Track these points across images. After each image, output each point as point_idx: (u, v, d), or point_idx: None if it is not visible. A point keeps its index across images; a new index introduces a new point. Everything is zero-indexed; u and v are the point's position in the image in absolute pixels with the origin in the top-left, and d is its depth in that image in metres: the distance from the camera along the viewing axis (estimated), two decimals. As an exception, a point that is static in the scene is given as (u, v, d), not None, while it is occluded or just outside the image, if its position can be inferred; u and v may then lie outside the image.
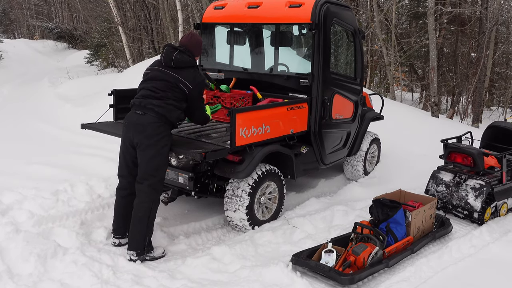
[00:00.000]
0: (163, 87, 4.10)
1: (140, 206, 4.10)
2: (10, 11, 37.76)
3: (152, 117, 4.02)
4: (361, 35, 6.00)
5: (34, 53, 26.25)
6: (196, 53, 4.33)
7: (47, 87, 13.43)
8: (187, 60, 4.16)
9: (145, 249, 4.12)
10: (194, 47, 4.30)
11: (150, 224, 4.16)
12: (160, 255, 4.24)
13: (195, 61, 4.27)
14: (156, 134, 4.01)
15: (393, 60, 14.90)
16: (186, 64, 4.15)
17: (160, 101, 4.05)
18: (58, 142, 7.88)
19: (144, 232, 4.10)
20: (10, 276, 3.59)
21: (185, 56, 4.16)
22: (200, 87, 4.24)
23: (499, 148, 5.89)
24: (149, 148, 4.02)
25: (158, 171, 4.10)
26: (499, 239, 4.69)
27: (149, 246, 4.17)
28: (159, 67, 4.21)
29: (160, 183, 4.16)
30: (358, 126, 6.35)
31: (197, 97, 4.24)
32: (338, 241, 4.23)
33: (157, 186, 4.12)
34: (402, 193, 5.04)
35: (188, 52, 4.20)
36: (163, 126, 4.05)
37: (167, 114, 4.05)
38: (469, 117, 16.91)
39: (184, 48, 4.21)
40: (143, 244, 4.10)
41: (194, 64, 4.25)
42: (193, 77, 4.15)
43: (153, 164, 4.05)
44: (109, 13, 18.84)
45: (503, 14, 16.51)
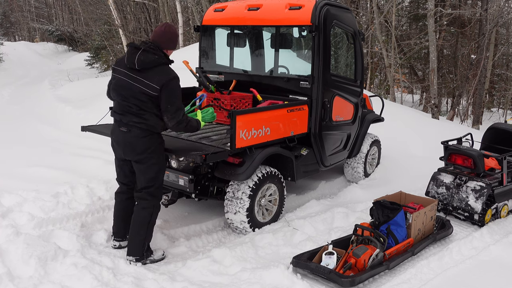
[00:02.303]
0: (134, 100, 3.81)
1: (140, 212, 4.07)
2: (11, 14, 37.83)
3: (138, 132, 3.88)
4: (361, 37, 6.01)
5: (34, 55, 26.27)
6: (167, 46, 3.92)
7: (48, 90, 13.43)
8: (152, 59, 3.78)
9: (144, 254, 4.11)
10: (164, 41, 3.89)
11: (150, 230, 4.13)
12: (160, 257, 4.22)
13: (164, 58, 3.86)
14: (146, 148, 3.91)
15: (393, 62, 14.91)
16: (152, 64, 3.78)
17: (140, 118, 3.84)
18: (58, 144, 7.88)
19: (144, 238, 4.09)
20: (11, 278, 3.58)
21: (149, 55, 3.78)
22: (168, 87, 3.78)
23: (499, 149, 5.89)
24: (142, 163, 3.96)
25: (155, 180, 4.04)
26: (499, 241, 4.69)
27: (148, 251, 4.16)
28: (125, 70, 3.87)
29: (159, 190, 4.12)
30: (358, 128, 6.35)
31: (166, 98, 3.79)
32: (338, 243, 4.22)
33: (156, 193, 4.09)
34: (402, 195, 5.04)
35: (154, 49, 3.81)
36: (151, 138, 3.92)
37: (151, 128, 3.89)
38: (469, 119, 16.92)
39: (150, 44, 3.83)
40: (142, 250, 4.09)
41: (162, 61, 3.83)
42: (160, 76, 3.76)
43: (149, 176, 4.00)
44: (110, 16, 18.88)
45: (503, 16, 16.51)
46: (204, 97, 4.95)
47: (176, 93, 3.85)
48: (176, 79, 3.85)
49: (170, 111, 3.82)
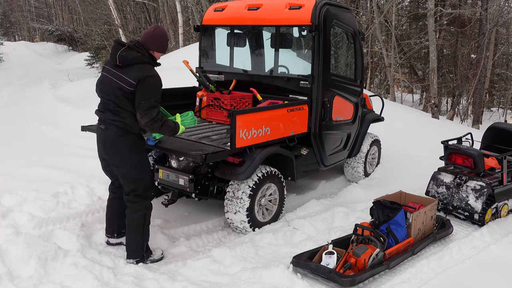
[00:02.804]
0: (112, 97, 3.79)
1: (133, 215, 4.03)
2: (11, 14, 37.81)
3: (115, 131, 3.85)
4: (361, 36, 6.01)
5: (34, 55, 26.25)
6: (153, 47, 3.88)
7: (48, 90, 13.42)
8: (134, 56, 3.75)
9: (144, 255, 4.11)
10: (151, 41, 3.86)
11: (146, 231, 4.11)
12: (160, 257, 4.23)
13: (148, 57, 3.83)
14: (124, 148, 3.87)
15: (393, 61, 14.91)
16: (133, 61, 3.75)
17: (116, 116, 3.81)
18: (58, 144, 7.88)
19: (141, 240, 4.07)
20: (11, 278, 3.58)
21: (132, 52, 3.76)
22: (144, 82, 3.70)
23: (499, 149, 5.89)
24: (121, 165, 3.92)
25: (140, 181, 3.96)
26: (499, 241, 4.69)
27: (147, 251, 4.16)
28: (109, 67, 3.88)
29: (147, 190, 4.03)
30: (358, 128, 6.35)
31: (139, 93, 3.71)
32: (338, 242, 4.22)
33: (145, 194, 4.02)
34: (402, 195, 5.04)
35: (138, 47, 3.80)
36: (128, 138, 3.87)
37: (128, 128, 3.83)
38: (469, 118, 16.92)
39: (135, 43, 3.84)
40: (141, 252, 4.08)
41: (145, 60, 3.79)
42: (138, 72, 3.71)
43: (131, 178, 3.95)
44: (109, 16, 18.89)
45: (503, 15, 16.52)
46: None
47: (151, 90, 3.74)
48: (155, 78, 3.76)
49: (143, 108, 3.71)
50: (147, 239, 4.14)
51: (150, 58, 3.86)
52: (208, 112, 5.78)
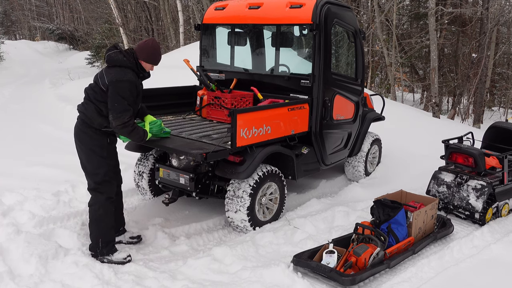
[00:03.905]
0: (91, 91, 3.97)
1: (89, 209, 4.11)
2: (11, 13, 37.84)
3: (79, 123, 3.99)
4: (362, 35, 6.00)
5: (35, 54, 26.28)
6: (141, 56, 3.99)
7: (48, 88, 13.44)
8: (119, 59, 3.91)
9: (98, 251, 4.03)
10: (140, 50, 4.00)
11: (101, 228, 4.05)
12: (120, 260, 4.03)
13: (132, 63, 3.94)
14: (83, 140, 3.97)
15: (394, 60, 14.90)
16: (116, 62, 3.90)
17: (83, 107, 3.97)
18: (59, 143, 7.89)
19: (96, 235, 4.04)
20: (12, 277, 3.59)
21: (120, 55, 3.92)
22: (115, 86, 3.81)
23: (500, 148, 5.88)
24: (80, 156, 4.04)
25: (93, 176, 4.01)
26: (500, 240, 4.68)
27: (106, 248, 4.04)
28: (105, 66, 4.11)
29: (102, 186, 4.02)
30: (359, 127, 6.34)
31: (111, 96, 3.82)
32: (339, 241, 4.22)
33: (100, 189, 4.02)
34: (403, 194, 5.03)
35: (127, 53, 3.96)
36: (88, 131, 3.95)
37: (88, 120, 3.93)
38: (470, 118, 16.90)
39: (128, 49, 4.02)
40: (95, 247, 4.04)
41: (127, 64, 3.91)
42: (114, 75, 3.84)
43: (87, 171, 4.04)
44: (110, 14, 18.89)
45: (504, 15, 16.51)
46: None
47: (123, 93, 3.83)
48: (128, 82, 3.85)
49: (115, 111, 3.81)
50: (103, 236, 4.05)
51: (135, 65, 3.96)
52: (208, 111, 5.78)
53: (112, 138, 4.09)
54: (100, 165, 4.00)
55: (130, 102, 3.86)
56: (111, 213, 4.12)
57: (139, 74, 4.00)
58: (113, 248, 4.12)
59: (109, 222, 4.10)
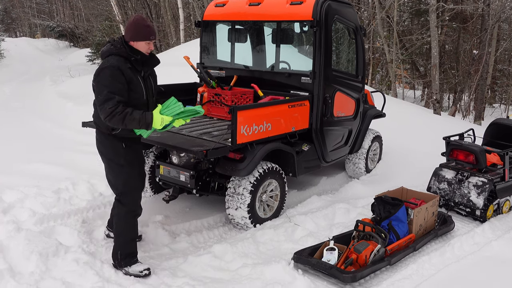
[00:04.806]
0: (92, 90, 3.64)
1: (114, 218, 3.89)
2: (12, 10, 37.81)
3: (96, 132, 3.77)
4: (362, 32, 5.98)
5: (35, 51, 26.27)
6: (129, 37, 3.55)
7: (49, 86, 13.43)
8: (107, 49, 3.54)
9: (116, 262, 3.84)
10: (126, 32, 3.57)
11: (122, 242, 3.83)
12: (137, 273, 3.77)
13: (120, 49, 3.52)
14: (102, 148, 3.74)
15: (394, 57, 14.87)
16: (105, 54, 3.54)
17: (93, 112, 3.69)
18: (59, 141, 7.88)
19: (116, 246, 3.85)
20: (12, 274, 3.59)
21: (108, 46, 3.57)
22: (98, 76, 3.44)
23: (501, 145, 5.87)
24: (104, 163, 3.81)
25: (119, 187, 3.76)
26: (501, 237, 4.68)
27: (125, 261, 3.82)
28: None
29: (123, 197, 3.76)
30: (359, 124, 6.33)
31: (96, 89, 3.46)
32: (340, 239, 4.22)
33: (122, 200, 3.77)
34: (404, 191, 5.02)
35: (115, 41, 3.60)
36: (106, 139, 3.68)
37: (97, 126, 3.69)
38: (471, 115, 16.88)
39: (117, 38, 3.67)
40: (115, 257, 3.85)
41: (114, 52, 3.50)
42: (99, 67, 3.49)
43: (113, 182, 3.80)
44: (110, 11, 18.88)
45: (505, 11, 16.44)
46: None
47: (104, 81, 3.39)
48: (107, 69, 3.41)
49: (98, 102, 3.40)
50: (121, 249, 3.83)
51: (125, 49, 3.52)
52: (209, 108, 5.77)
53: (129, 142, 3.70)
54: (118, 174, 3.73)
55: (114, 89, 3.36)
56: (133, 226, 3.87)
57: (130, 58, 3.52)
58: (132, 260, 3.83)
59: (128, 235, 3.84)
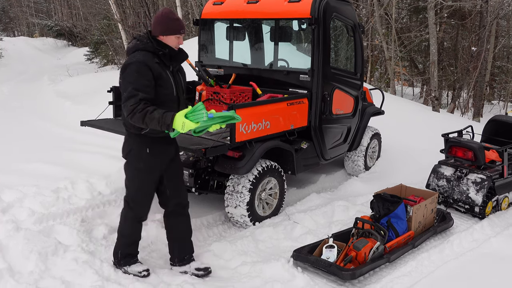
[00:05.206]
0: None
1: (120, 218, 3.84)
2: (10, 9, 37.73)
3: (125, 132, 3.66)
4: (361, 29, 5.98)
5: (33, 51, 26.23)
6: (158, 31, 3.45)
7: (47, 85, 13.42)
8: (133, 45, 3.45)
9: (115, 261, 3.82)
10: (155, 26, 3.46)
11: (124, 243, 3.80)
12: (136, 272, 3.73)
13: (146, 44, 3.42)
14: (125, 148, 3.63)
15: (393, 54, 14.86)
16: (130, 50, 3.45)
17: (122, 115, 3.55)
18: (58, 140, 7.88)
19: (117, 245, 3.83)
20: (11, 274, 3.58)
21: (134, 41, 3.48)
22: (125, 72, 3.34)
23: (500, 142, 5.88)
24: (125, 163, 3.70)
25: (128, 188, 3.70)
26: (500, 233, 4.69)
27: (124, 260, 3.79)
28: None
29: (133, 201, 3.68)
30: (358, 121, 6.33)
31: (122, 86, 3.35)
32: (339, 236, 4.22)
33: (131, 203, 3.69)
34: (403, 188, 5.03)
35: (141, 36, 3.50)
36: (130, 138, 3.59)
37: (126, 128, 3.55)
38: (470, 111, 16.87)
39: (142, 34, 3.56)
40: (115, 256, 3.83)
41: (141, 47, 3.40)
42: (124, 62, 3.39)
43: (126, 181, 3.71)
44: (109, 10, 18.83)
45: (504, 8, 16.41)
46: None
47: (129, 77, 3.28)
48: (135, 64, 3.29)
49: (123, 100, 3.26)
50: (122, 249, 3.79)
51: (151, 44, 3.42)
52: (207, 106, 5.76)
53: (156, 145, 3.52)
54: (133, 178, 3.61)
55: (138, 86, 3.23)
56: (136, 230, 3.80)
57: (157, 52, 3.41)
58: (131, 260, 3.80)
59: (131, 238, 3.80)
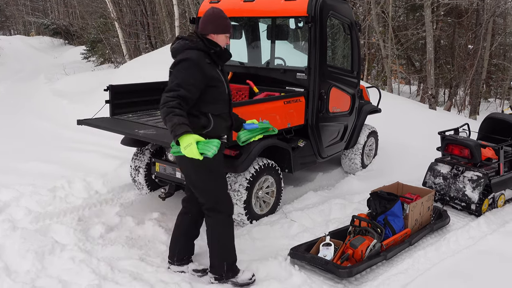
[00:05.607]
0: None
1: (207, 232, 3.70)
2: (6, 8, 37.58)
3: None
4: (357, 27, 5.98)
5: (30, 49, 26.16)
6: (210, 29, 3.39)
7: (44, 84, 13.37)
8: (181, 44, 3.38)
9: (223, 274, 3.65)
10: (205, 24, 3.40)
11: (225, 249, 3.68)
12: (245, 281, 3.65)
13: (196, 43, 3.35)
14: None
15: (390, 52, 14.89)
16: (180, 49, 3.37)
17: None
18: (54, 139, 7.86)
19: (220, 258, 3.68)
20: (8, 273, 3.58)
21: (182, 42, 3.39)
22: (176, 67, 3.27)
23: (496, 139, 5.89)
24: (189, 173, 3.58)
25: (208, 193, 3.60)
26: (496, 231, 4.70)
27: (230, 271, 3.67)
28: None
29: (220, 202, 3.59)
30: (355, 119, 6.34)
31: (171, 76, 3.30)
32: (336, 234, 4.23)
33: (217, 206, 3.60)
34: (399, 186, 5.04)
35: (191, 36, 3.41)
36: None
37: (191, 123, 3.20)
38: (466, 109, 16.92)
39: (191, 33, 3.49)
40: (219, 271, 3.68)
41: (192, 46, 3.33)
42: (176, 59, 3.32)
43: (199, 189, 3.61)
44: (105, 9, 18.78)
45: (500, 6, 16.48)
46: None
47: (176, 73, 3.23)
48: (188, 61, 3.23)
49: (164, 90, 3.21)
50: (228, 259, 3.66)
51: (203, 43, 3.36)
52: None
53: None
54: (212, 180, 3.56)
55: (183, 83, 3.15)
56: (233, 230, 3.70)
57: (209, 51, 3.36)
58: (236, 269, 3.71)
59: (232, 241, 3.70)
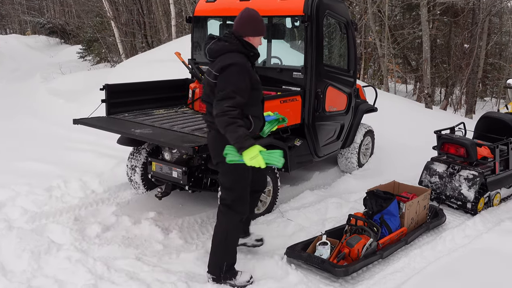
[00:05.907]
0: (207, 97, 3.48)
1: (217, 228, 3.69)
2: (1, 6, 37.39)
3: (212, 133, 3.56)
4: (354, 27, 5.99)
5: (26, 48, 26.03)
6: (249, 32, 3.44)
7: (40, 83, 13.32)
8: (221, 46, 3.40)
9: (220, 275, 3.66)
10: (243, 26, 3.44)
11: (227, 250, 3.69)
12: (243, 283, 3.65)
13: (238, 45, 3.40)
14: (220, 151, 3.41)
15: (386, 52, 14.90)
16: (220, 51, 3.40)
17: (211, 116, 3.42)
18: (50, 138, 7.83)
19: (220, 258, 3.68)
20: (4, 273, 3.58)
21: (220, 43, 3.42)
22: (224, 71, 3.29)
23: (492, 138, 5.91)
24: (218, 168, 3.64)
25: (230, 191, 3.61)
26: (492, 229, 4.72)
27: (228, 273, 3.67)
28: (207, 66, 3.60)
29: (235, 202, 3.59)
30: (351, 118, 6.34)
31: (219, 85, 3.31)
32: (332, 233, 4.24)
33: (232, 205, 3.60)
34: (395, 185, 5.05)
35: (228, 37, 3.44)
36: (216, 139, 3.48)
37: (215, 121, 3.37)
38: (462, 108, 16.96)
39: (227, 34, 3.49)
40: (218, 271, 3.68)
41: (233, 48, 3.38)
42: (221, 63, 3.33)
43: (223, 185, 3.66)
44: (101, 8, 18.74)
45: (496, 5, 16.50)
46: None
47: (230, 78, 3.27)
48: (237, 66, 3.30)
49: (217, 98, 3.26)
50: (229, 259, 3.67)
51: (242, 45, 3.42)
52: (201, 104, 5.75)
53: None
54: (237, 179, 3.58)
55: (238, 89, 3.24)
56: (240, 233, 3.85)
57: (249, 53, 3.45)
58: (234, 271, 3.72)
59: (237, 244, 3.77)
